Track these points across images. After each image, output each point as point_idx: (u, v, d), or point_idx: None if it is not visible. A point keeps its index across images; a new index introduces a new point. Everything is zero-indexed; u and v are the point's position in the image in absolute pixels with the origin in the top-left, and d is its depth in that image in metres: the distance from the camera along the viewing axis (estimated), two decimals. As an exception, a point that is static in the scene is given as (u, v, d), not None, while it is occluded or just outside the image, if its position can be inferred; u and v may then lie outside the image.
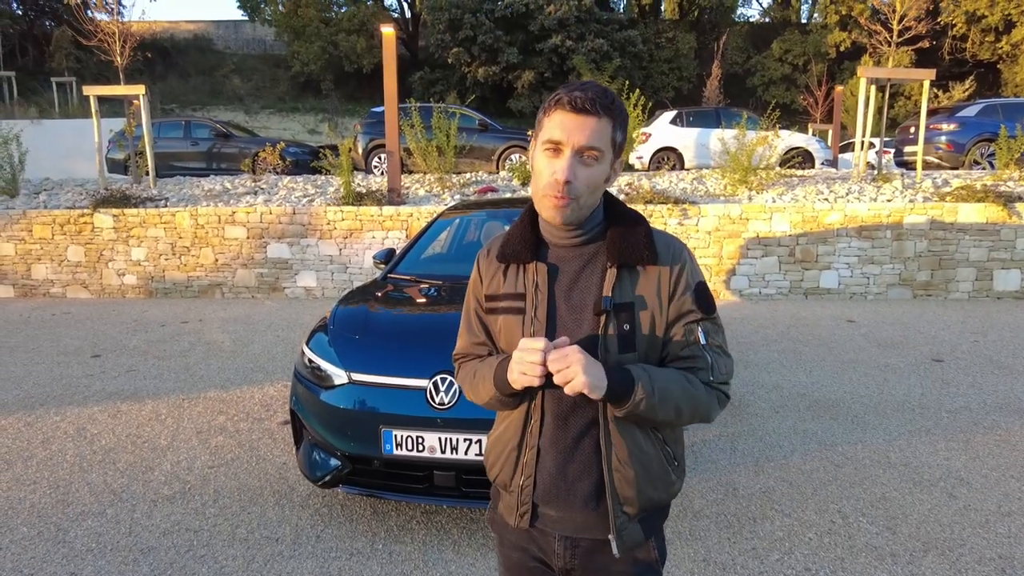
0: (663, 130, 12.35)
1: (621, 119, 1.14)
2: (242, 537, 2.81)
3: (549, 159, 1.13)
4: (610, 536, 1.19)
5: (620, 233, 1.19)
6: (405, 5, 28.31)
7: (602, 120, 1.10)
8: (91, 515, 3.00)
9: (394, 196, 8.92)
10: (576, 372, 1.05)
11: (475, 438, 2.49)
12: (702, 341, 1.19)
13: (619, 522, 1.19)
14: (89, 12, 11.91)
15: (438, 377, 2.59)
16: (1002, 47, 22.68)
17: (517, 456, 1.25)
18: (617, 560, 1.21)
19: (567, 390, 1.07)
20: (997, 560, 2.57)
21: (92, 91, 9.81)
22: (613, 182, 1.22)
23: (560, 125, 1.11)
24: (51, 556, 2.67)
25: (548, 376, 1.08)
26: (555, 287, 1.21)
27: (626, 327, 1.16)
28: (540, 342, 1.07)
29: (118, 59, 10.83)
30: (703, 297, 1.21)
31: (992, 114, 11.09)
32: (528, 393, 1.20)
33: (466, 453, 2.51)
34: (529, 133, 11.16)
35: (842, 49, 24.18)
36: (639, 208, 8.31)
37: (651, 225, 1.24)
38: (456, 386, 2.56)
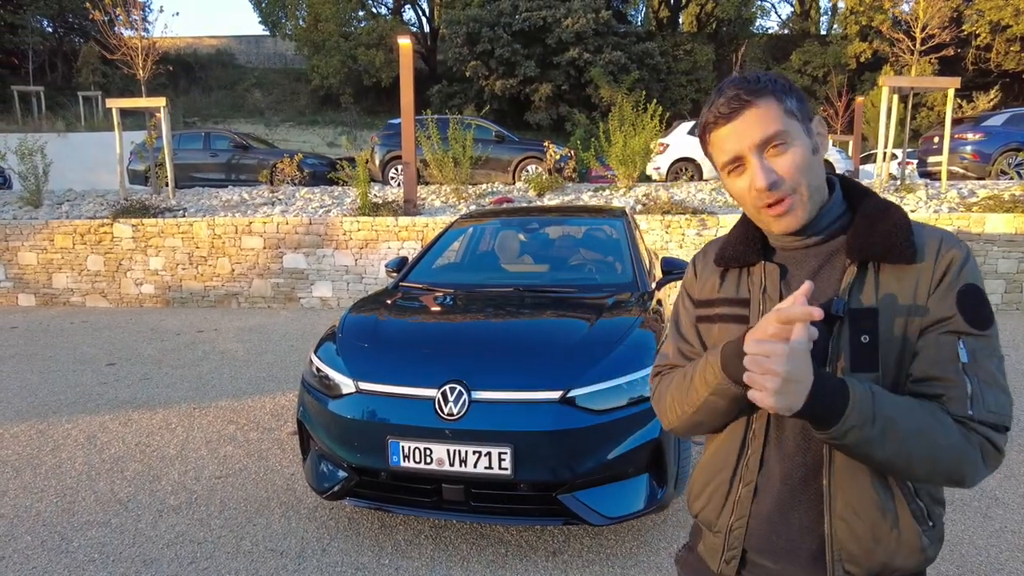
0: (681, 141, 12.25)
1: (781, 88, 0.96)
2: (246, 549, 2.74)
3: (739, 177, 0.98)
4: None
5: (867, 222, 0.97)
6: (424, 19, 28.61)
7: (761, 104, 0.94)
8: (96, 524, 2.95)
9: (410, 207, 8.91)
10: (767, 369, 0.81)
11: (484, 450, 2.41)
12: (963, 359, 0.89)
13: None
14: (115, 29, 12.15)
15: (447, 387, 2.51)
16: (1028, 57, 22.30)
17: (728, 490, 1.06)
18: None
19: (749, 396, 0.85)
20: (1038, 586, 2.43)
21: (114, 103, 9.97)
22: (826, 148, 1.01)
23: (725, 141, 0.97)
24: (53, 566, 2.63)
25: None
26: (786, 292, 1.00)
27: (865, 339, 0.92)
28: (793, 309, 0.80)
29: (140, 73, 11.01)
30: (973, 304, 0.91)
31: (1019, 123, 10.85)
32: (745, 409, 0.97)
33: (475, 466, 2.42)
34: (546, 143, 11.13)
35: (862, 60, 23.95)
36: (656, 220, 8.21)
37: (911, 217, 0.99)
38: (465, 396, 2.48)
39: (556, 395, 2.47)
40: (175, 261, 8.88)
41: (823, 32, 29.16)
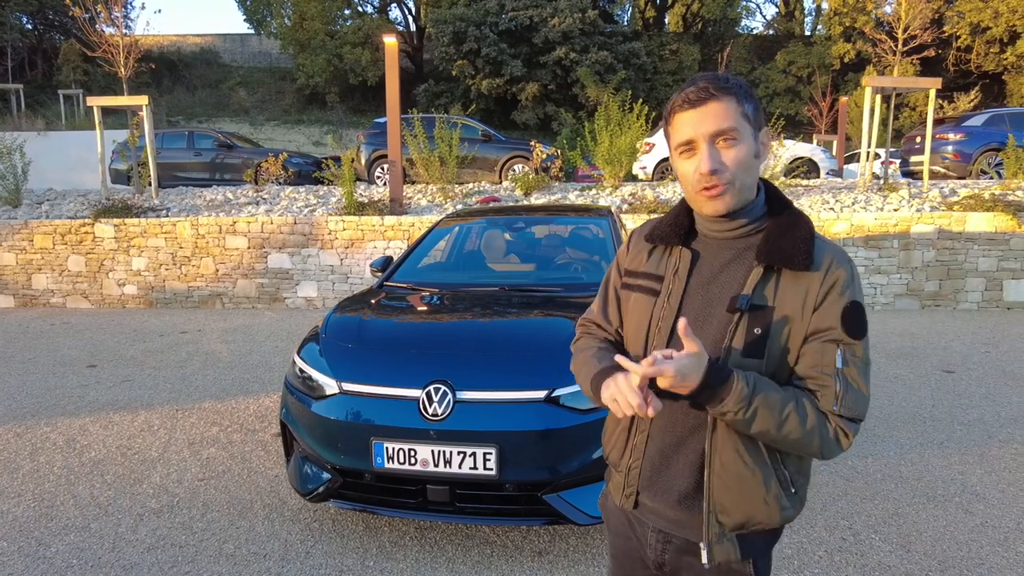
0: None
1: (743, 92, 1.09)
2: (229, 553, 2.71)
3: (688, 159, 1.11)
4: (701, 544, 1.15)
5: (777, 231, 1.12)
6: (410, 18, 28.51)
7: (723, 101, 1.07)
8: (74, 529, 2.90)
9: (396, 206, 8.87)
10: (668, 371, 0.99)
11: (469, 451, 2.39)
12: (837, 365, 1.07)
13: (712, 530, 1.14)
14: (96, 26, 11.99)
15: (431, 387, 2.50)
16: (1007, 58, 22.62)
17: (627, 436, 1.24)
18: (707, 570, 1.16)
19: (659, 383, 1.01)
20: (1018, 580, 2.45)
21: (95, 102, 9.83)
22: (766, 156, 1.15)
23: (684, 124, 1.09)
24: (30, 573, 2.58)
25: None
26: (695, 276, 1.16)
27: (757, 331, 1.08)
28: (649, 396, 1.02)
29: (122, 70, 10.87)
30: (854, 318, 1.08)
31: (999, 124, 11.00)
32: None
33: (460, 467, 2.41)
34: (532, 143, 11.12)
35: (846, 60, 24.18)
36: (642, 219, 8.23)
37: (819, 234, 1.13)
38: (450, 396, 2.46)
39: (541, 395, 2.46)
40: (158, 261, 8.77)
41: (807, 33, 29.39)
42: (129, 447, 3.86)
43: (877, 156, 11.81)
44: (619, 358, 1.05)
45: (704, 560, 1.14)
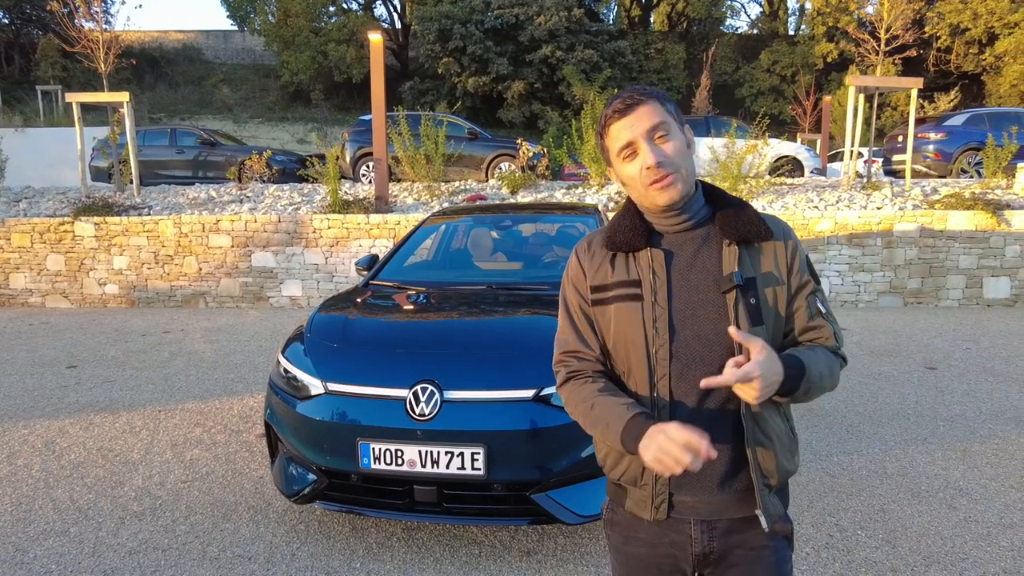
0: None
1: (662, 96, 1.20)
2: (213, 556, 2.67)
3: (631, 162, 1.19)
4: (757, 511, 1.20)
5: (730, 214, 1.22)
6: (395, 15, 28.35)
7: (649, 103, 1.17)
8: (53, 534, 2.84)
9: (381, 204, 8.81)
10: (754, 375, 1.05)
11: (457, 451, 2.37)
12: (822, 310, 1.23)
13: (762, 497, 1.19)
14: (75, 21, 11.78)
15: (418, 387, 2.47)
16: (985, 59, 22.93)
17: None
18: (757, 536, 1.22)
19: (745, 396, 1.08)
20: (1002, 575, 2.47)
21: (75, 98, 9.67)
22: (695, 147, 1.25)
23: (621, 131, 1.18)
24: (8, 578, 2.52)
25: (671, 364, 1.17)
26: (672, 269, 1.22)
27: (752, 301, 1.17)
28: (701, 443, 1.03)
29: (102, 66, 10.69)
30: (811, 267, 1.26)
31: (978, 123, 11.15)
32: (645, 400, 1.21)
33: (448, 467, 2.39)
34: (519, 141, 11.10)
35: (829, 60, 24.38)
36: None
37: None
38: (437, 396, 2.44)
39: (530, 394, 2.45)
40: (140, 260, 8.65)
41: (791, 32, 29.60)
42: (110, 449, 3.79)
43: (860, 155, 11.92)
44: (678, 431, 1.05)
45: (764, 526, 1.19)
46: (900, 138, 11.32)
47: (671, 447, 1.03)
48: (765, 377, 1.05)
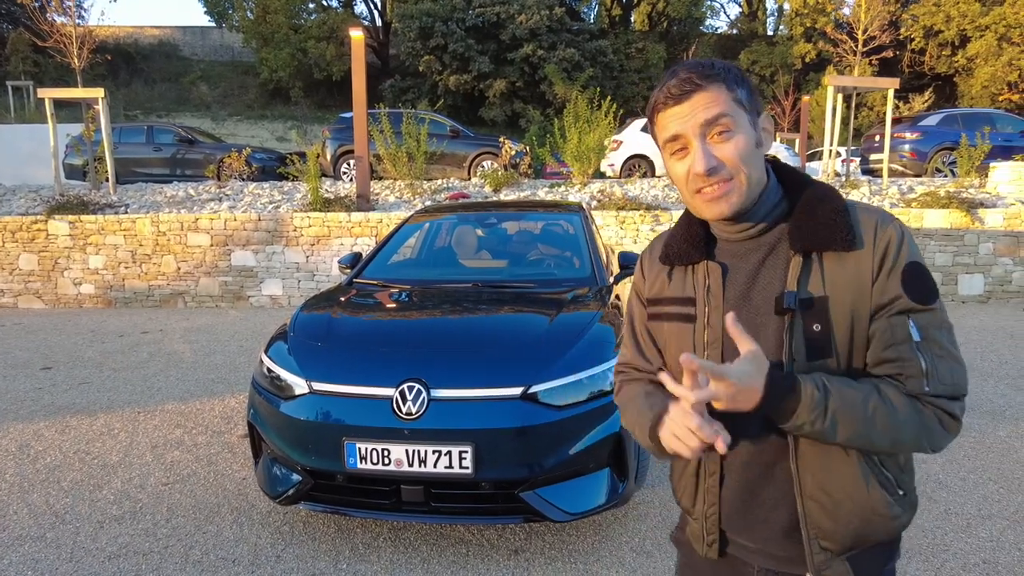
0: (634, 138, 12.38)
1: (732, 77, 0.96)
2: (195, 559, 2.62)
3: (680, 160, 0.98)
4: (807, 575, 1.01)
5: (806, 210, 0.98)
6: (376, 13, 28.16)
7: (711, 88, 0.94)
8: (29, 539, 2.77)
9: (363, 202, 8.74)
10: (726, 379, 0.88)
11: (444, 450, 2.36)
12: (914, 338, 0.92)
13: (817, 559, 0.99)
14: (47, 15, 11.53)
15: (405, 386, 2.45)
16: (958, 60, 23.38)
17: (696, 481, 1.10)
18: None
19: (716, 404, 0.91)
20: (982, 565, 2.52)
21: (47, 94, 9.47)
22: (769, 144, 1.01)
23: (670, 121, 0.96)
24: (-18, 585, 2.46)
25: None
26: (730, 288, 1.02)
27: (816, 327, 0.94)
28: (693, 395, 0.88)
29: (75, 62, 10.48)
30: (917, 280, 0.93)
31: (952, 124, 11.36)
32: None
33: (435, 466, 2.37)
34: (501, 139, 11.09)
35: (807, 60, 24.71)
36: (611, 215, 8.26)
37: (850, 199, 1.00)
38: (424, 395, 2.42)
39: (518, 391, 2.44)
40: (117, 259, 8.49)
41: (770, 33, 29.93)
42: (88, 452, 3.71)
43: (838, 154, 12.09)
44: (662, 376, 0.94)
45: None
46: (877, 138, 11.50)
47: (681, 421, 0.91)
48: (737, 386, 0.87)
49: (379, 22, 27.92)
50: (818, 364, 0.94)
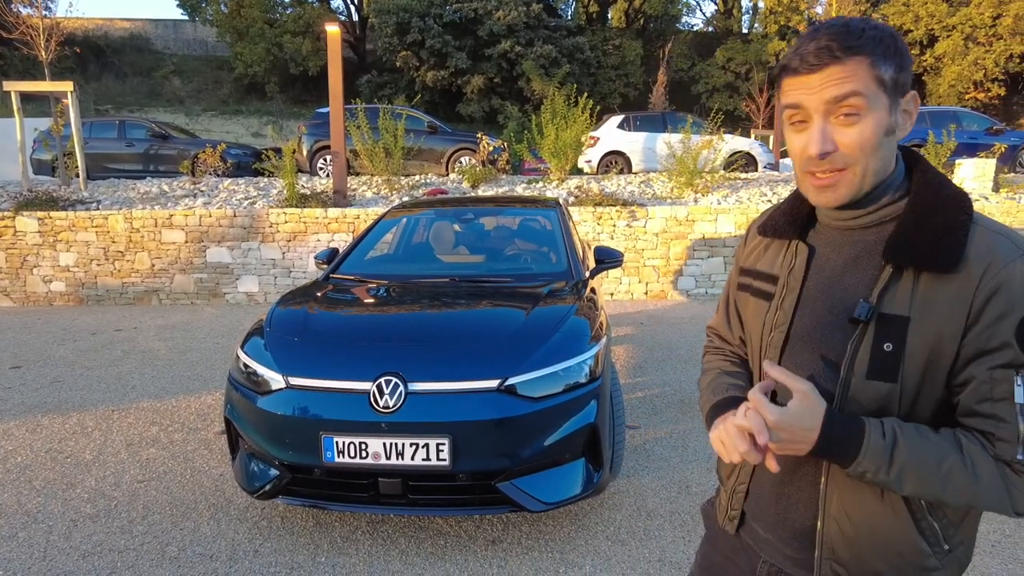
0: (611, 134, 12.46)
1: (882, 50, 0.83)
2: (172, 555, 2.62)
3: (798, 132, 0.88)
4: None
5: (915, 218, 0.86)
6: (352, 8, 27.89)
7: (849, 63, 0.82)
8: (0, 539, 2.74)
9: (340, 198, 8.70)
10: (772, 423, 0.84)
11: (422, 442, 2.38)
12: (1018, 400, 0.80)
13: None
14: (12, 6, 11.26)
15: (382, 379, 2.47)
16: (926, 60, 23.86)
17: None
18: None
19: (771, 448, 0.87)
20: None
21: (13, 87, 9.25)
22: (907, 130, 0.88)
23: (795, 90, 0.87)
24: (-47, 585, 2.43)
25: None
26: (813, 276, 0.95)
27: (888, 347, 0.85)
28: (760, 433, 0.83)
29: (42, 54, 10.26)
30: None
31: (920, 121, 11.62)
32: None
33: (412, 459, 2.40)
34: (479, 135, 11.09)
35: (781, 58, 25.01)
36: (588, 211, 8.33)
37: (981, 215, 0.87)
38: (401, 388, 2.44)
39: (494, 384, 2.47)
40: (89, 256, 8.35)
41: (745, 31, 30.24)
42: (60, 451, 3.67)
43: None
44: (751, 394, 0.88)
45: None
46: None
47: (733, 434, 0.87)
48: (789, 431, 0.82)
49: (355, 17, 27.67)
50: (877, 387, 0.86)
